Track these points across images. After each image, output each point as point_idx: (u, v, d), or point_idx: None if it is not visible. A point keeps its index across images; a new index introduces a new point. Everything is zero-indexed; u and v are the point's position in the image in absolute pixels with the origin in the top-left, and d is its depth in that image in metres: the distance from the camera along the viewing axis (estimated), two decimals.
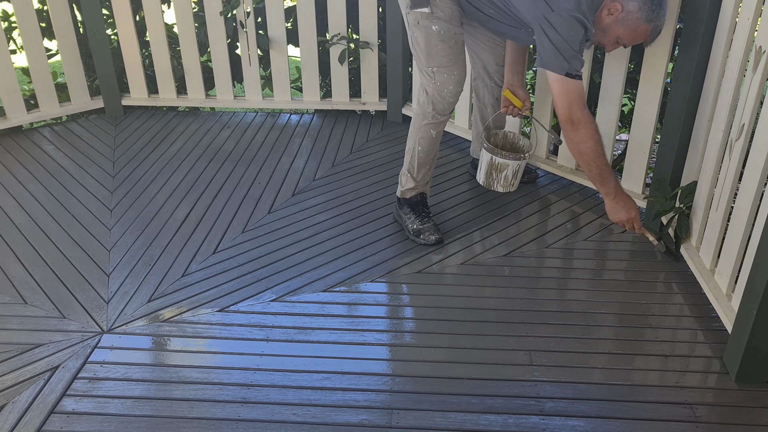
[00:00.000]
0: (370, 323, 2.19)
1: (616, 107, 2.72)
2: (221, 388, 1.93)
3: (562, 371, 1.98)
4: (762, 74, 2.00)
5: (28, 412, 1.84)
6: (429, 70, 2.43)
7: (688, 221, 2.49)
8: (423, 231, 2.59)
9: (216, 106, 3.82)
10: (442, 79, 2.43)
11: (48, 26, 3.64)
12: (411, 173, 2.62)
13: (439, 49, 2.39)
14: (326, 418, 1.83)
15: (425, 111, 2.50)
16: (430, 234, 2.59)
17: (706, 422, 1.81)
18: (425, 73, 2.46)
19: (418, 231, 2.60)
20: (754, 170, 2.00)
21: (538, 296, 2.31)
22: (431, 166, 2.64)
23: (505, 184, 2.71)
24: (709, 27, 2.25)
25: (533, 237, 2.64)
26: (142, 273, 2.44)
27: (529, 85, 3.64)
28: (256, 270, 2.45)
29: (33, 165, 3.21)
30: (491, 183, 2.73)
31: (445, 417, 1.83)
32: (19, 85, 3.48)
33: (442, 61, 2.41)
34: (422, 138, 2.55)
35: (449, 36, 2.39)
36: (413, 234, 2.61)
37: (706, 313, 2.22)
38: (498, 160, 2.65)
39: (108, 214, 2.81)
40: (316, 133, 3.58)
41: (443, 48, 2.39)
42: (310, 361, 2.03)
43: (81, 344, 2.10)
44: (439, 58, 2.41)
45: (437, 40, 2.38)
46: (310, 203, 2.90)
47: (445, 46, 2.39)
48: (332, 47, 3.58)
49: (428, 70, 2.44)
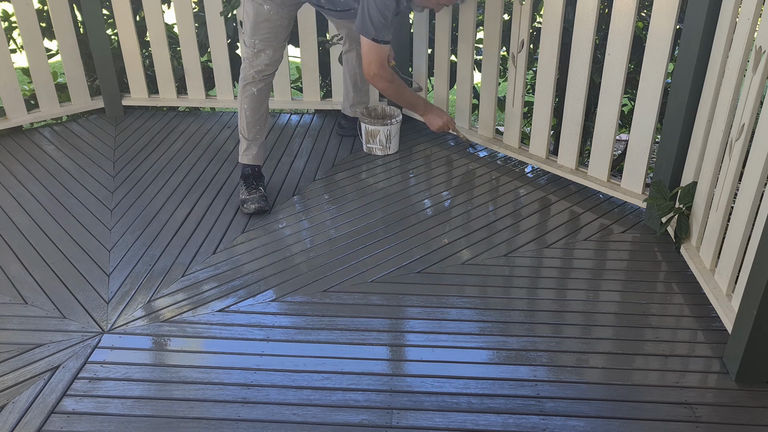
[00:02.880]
0: (370, 323, 2.19)
1: (616, 107, 2.72)
2: (221, 388, 1.93)
3: (562, 371, 1.98)
4: (762, 74, 2.00)
5: (29, 412, 1.84)
6: (251, 41, 2.77)
7: (687, 221, 2.49)
8: (245, 200, 2.83)
9: (216, 106, 3.82)
10: (260, 47, 2.77)
11: (48, 26, 3.65)
12: (243, 134, 2.90)
13: (263, 27, 2.74)
14: (326, 418, 1.83)
15: (245, 75, 2.82)
16: (251, 204, 2.81)
17: (706, 422, 1.81)
18: (246, 43, 2.79)
19: (242, 200, 2.84)
20: (754, 170, 2.00)
21: (538, 296, 2.31)
22: (261, 126, 2.91)
23: (381, 147, 3.29)
24: (709, 27, 2.26)
25: (533, 237, 2.64)
26: (142, 273, 2.44)
27: (529, 85, 3.64)
28: (256, 270, 2.45)
29: (33, 165, 3.21)
30: (371, 148, 3.32)
31: (445, 417, 1.83)
32: (19, 85, 3.48)
33: (264, 36, 2.76)
34: (246, 97, 2.84)
35: (276, 17, 2.73)
36: (240, 203, 2.85)
37: (706, 313, 2.22)
38: (370, 127, 3.24)
39: (108, 214, 2.82)
40: (316, 133, 3.58)
41: (267, 26, 2.74)
42: (310, 361, 2.03)
43: (81, 344, 2.10)
44: (261, 34, 2.75)
45: (263, 18, 2.72)
46: (310, 203, 2.90)
47: (269, 25, 2.74)
48: (332, 47, 3.58)
49: (250, 42, 2.77)
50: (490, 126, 3.30)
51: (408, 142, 3.46)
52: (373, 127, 3.24)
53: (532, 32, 3.29)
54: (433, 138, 3.49)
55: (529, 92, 3.73)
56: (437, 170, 3.17)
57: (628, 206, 2.83)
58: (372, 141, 3.28)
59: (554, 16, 2.79)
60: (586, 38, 2.71)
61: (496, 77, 3.16)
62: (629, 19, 2.54)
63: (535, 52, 3.42)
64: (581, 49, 2.74)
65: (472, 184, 3.04)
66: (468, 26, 3.18)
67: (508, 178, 3.09)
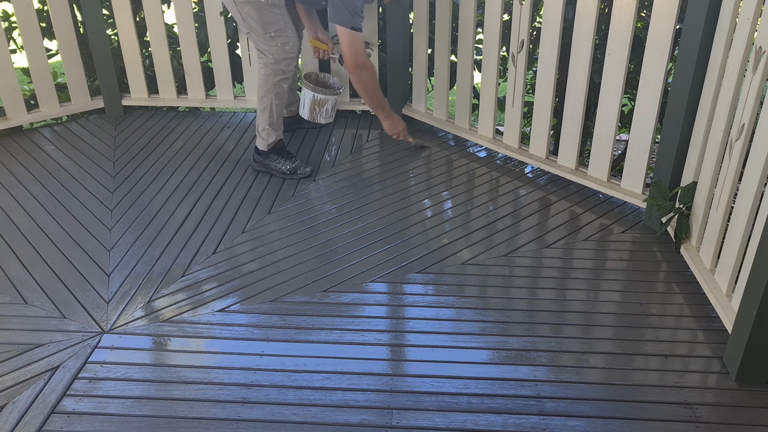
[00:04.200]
0: (370, 323, 2.19)
1: (616, 107, 2.72)
2: (221, 388, 1.93)
3: (562, 371, 1.98)
4: (762, 74, 2.00)
5: (29, 412, 1.84)
6: (268, 36, 2.82)
7: (687, 221, 2.49)
8: (297, 167, 3.06)
9: (216, 106, 3.82)
10: (282, 39, 2.85)
11: (48, 26, 3.64)
12: (273, 127, 3.02)
13: (271, 15, 2.80)
14: (326, 418, 1.83)
15: (275, 70, 2.90)
16: (304, 167, 3.06)
17: (706, 422, 1.81)
18: (265, 39, 2.84)
19: (293, 169, 3.05)
20: (754, 170, 2.00)
21: (538, 296, 2.31)
22: (282, 114, 3.08)
23: (326, 116, 3.24)
24: (709, 27, 2.26)
25: (533, 237, 2.64)
26: (142, 273, 2.44)
27: (529, 85, 3.63)
28: (256, 270, 2.45)
29: (33, 165, 3.21)
30: (315, 117, 3.23)
31: (445, 417, 1.83)
32: (19, 85, 3.48)
33: (278, 24, 2.82)
34: (277, 94, 2.95)
35: (276, 2, 2.79)
36: (290, 173, 3.05)
37: (706, 313, 2.22)
38: (319, 96, 3.16)
39: (108, 214, 2.82)
40: (317, 133, 3.58)
41: (275, 14, 2.80)
42: (310, 361, 2.03)
43: (81, 344, 2.10)
44: (274, 23, 2.81)
45: (268, 8, 2.78)
46: (310, 203, 2.90)
47: (276, 11, 2.80)
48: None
49: (267, 36, 2.83)
50: (490, 126, 3.30)
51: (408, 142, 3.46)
52: (322, 96, 3.16)
53: (532, 32, 3.29)
54: (433, 138, 3.49)
55: (529, 92, 3.73)
56: (437, 170, 3.17)
57: (628, 206, 2.83)
58: (318, 110, 3.21)
59: (554, 16, 2.79)
60: (586, 38, 2.71)
61: (496, 77, 3.16)
62: (629, 19, 2.54)
63: (535, 52, 3.41)
64: (581, 49, 2.74)
65: (472, 184, 3.04)
66: (468, 26, 3.18)
67: (508, 178, 3.09)
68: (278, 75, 2.91)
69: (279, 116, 3.03)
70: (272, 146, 3.07)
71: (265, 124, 3.01)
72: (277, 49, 2.86)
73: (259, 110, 3.01)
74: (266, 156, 3.08)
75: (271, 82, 2.92)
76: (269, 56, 2.88)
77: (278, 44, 2.85)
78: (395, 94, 3.60)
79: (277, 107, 2.99)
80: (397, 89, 3.58)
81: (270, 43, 2.85)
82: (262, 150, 3.07)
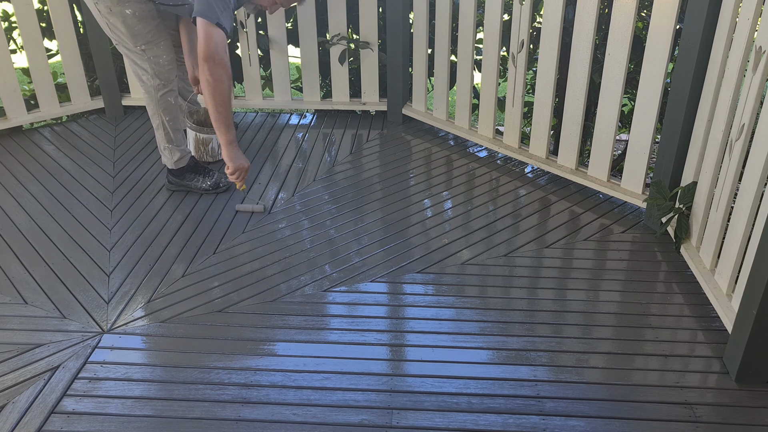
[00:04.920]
0: (370, 323, 2.19)
1: (616, 107, 2.72)
2: (221, 388, 1.93)
3: (562, 371, 1.98)
4: (762, 74, 2.00)
5: (29, 412, 1.84)
6: (138, 49, 2.63)
7: (687, 221, 2.49)
8: (218, 180, 2.94)
9: None
10: (154, 51, 2.66)
11: (48, 26, 3.64)
12: (173, 144, 2.85)
13: (140, 28, 2.60)
14: (326, 418, 1.83)
15: (155, 85, 2.72)
16: (224, 178, 2.94)
17: (706, 422, 1.81)
18: (136, 53, 2.66)
19: (214, 184, 2.93)
20: (754, 170, 2.00)
21: (538, 296, 2.31)
22: (180, 128, 2.88)
23: (212, 154, 3.16)
24: (709, 27, 2.26)
25: (533, 237, 2.64)
26: (142, 273, 2.44)
27: (529, 85, 3.64)
28: (255, 270, 2.45)
29: (33, 165, 3.21)
30: (202, 156, 3.14)
31: (445, 417, 1.83)
32: (19, 85, 3.48)
33: (147, 37, 2.63)
34: (165, 110, 2.78)
35: (145, 14, 2.59)
36: (212, 188, 2.93)
37: (706, 313, 2.22)
38: (202, 135, 3.08)
39: (108, 214, 2.82)
40: (317, 133, 3.58)
41: (143, 26, 2.60)
42: (310, 361, 2.03)
43: (81, 344, 2.10)
44: (143, 36, 2.62)
45: (135, 20, 2.58)
46: (311, 203, 2.90)
47: (144, 24, 2.60)
48: (332, 47, 3.58)
49: (137, 50, 2.64)
50: (490, 126, 3.30)
51: (408, 142, 3.46)
52: (205, 136, 3.08)
53: (532, 32, 3.29)
54: (433, 138, 3.49)
55: (529, 92, 3.73)
56: (437, 170, 3.17)
57: (628, 206, 2.83)
58: (203, 149, 3.11)
59: (554, 16, 2.79)
60: (586, 38, 2.71)
61: (496, 77, 3.16)
62: (629, 19, 2.54)
63: (535, 52, 3.42)
64: (581, 49, 2.74)
65: (472, 184, 3.04)
66: (468, 26, 3.18)
67: (508, 178, 3.09)
68: (159, 90, 2.73)
69: (177, 131, 2.83)
70: (184, 164, 2.91)
71: (164, 143, 2.84)
72: (150, 64, 2.67)
73: (154, 129, 2.85)
74: (181, 176, 2.92)
75: (154, 100, 2.75)
76: (144, 74, 2.71)
77: (150, 57, 2.66)
78: (395, 94, 3.60)
79: (170, 123, 2.80)
80: (397, 89, 3.58)
81: (142, 57, 2.66)
82: (172, 169, 2.91)
